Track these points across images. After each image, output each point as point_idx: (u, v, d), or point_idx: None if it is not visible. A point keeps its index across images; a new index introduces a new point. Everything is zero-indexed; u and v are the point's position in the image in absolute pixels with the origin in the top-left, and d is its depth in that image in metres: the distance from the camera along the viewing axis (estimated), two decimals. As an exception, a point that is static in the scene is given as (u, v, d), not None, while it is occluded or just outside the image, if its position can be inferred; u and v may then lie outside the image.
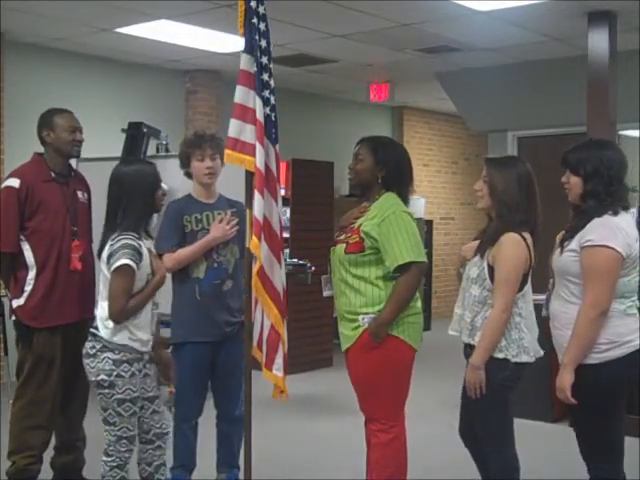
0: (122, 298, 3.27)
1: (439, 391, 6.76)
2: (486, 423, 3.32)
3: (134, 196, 3.37)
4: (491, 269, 3.22)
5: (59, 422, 4.09)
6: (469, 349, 3.30)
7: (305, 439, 5.39)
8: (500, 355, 3.21)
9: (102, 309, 3.35)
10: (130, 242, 3.29)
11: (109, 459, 3.36)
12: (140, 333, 3.35)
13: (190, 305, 3.95)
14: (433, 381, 7.01)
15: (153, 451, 3.50)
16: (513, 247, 3.19)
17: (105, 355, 3.31)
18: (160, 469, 3.53)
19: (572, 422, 3.31)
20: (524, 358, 3.23)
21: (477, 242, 3.41)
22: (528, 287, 3.29)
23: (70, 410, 4.12)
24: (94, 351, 3.34)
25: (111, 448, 3.36)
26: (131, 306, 3.29)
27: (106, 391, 3.32)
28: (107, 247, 3.33)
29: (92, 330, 3.37)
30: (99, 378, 3.32)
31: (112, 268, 3.27)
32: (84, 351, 3.39)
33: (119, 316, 3.29)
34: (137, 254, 3.29)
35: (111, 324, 3.31)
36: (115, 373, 3.30)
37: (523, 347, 3.23)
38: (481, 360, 3.19)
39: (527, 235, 3.24)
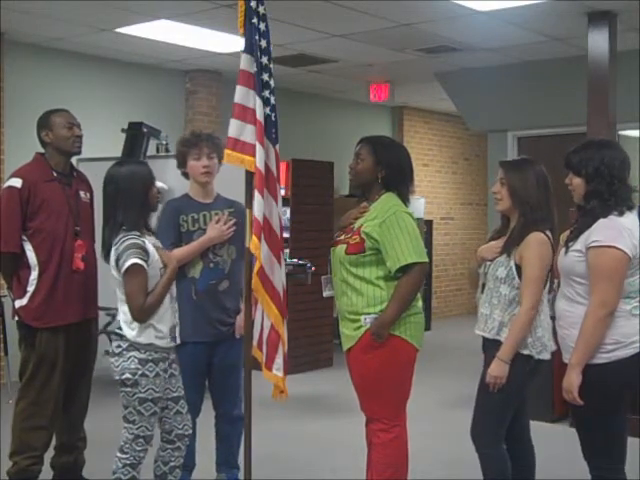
0: (140, 297, 3.27)
1: (439, 391, 6.77)
2: (488, 418, 3.37)
3: (131, 196, 3.37)
4: (518, 268, 3.29)
5: (60, 422, 4.08)
6: (492, 345, 3.33)
7: (305, 439, 5.39)
8: (525, 352, 3.29)
9: (123, 313, 3.36)
10: (134, 241, 3.29)
11: (123, 456, 3.37)
12: (164, 328, 3.36)
13: (186, 305, 3.93)
14: (433, 381, 7.01)
15: (172, 452, 3.51)
16: (540, 246, 3.27)
17: (131, 354, 3.32)
18: (174, 471, 3.54)
19: (574, 422, 3.32)
20: (545, 355, 3.33)
21: (494, 243, 3.46)
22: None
23: (72, 410, 4.12)
24: (120, 350, 3.34)
25: (127, 446, 3.37)
26: (150, 303, 3.30)
27: (129, 389, 3.32)
28: (112, 251, 3.33)
29: (117, 331, 3.38)
30: (124, 377, 3.32)
31: (122, 270, 3.27)
32: (109, 350, 3.40)
33: (141, 315, 3.30)
34: (143, 252, 3.29)
35: (135, 325, 3.32)
36: (140, 372, 3.31)
37: (544, 345, 3.33)
38: (508, 355, 3.26)
39: (549, 234, 3.32)
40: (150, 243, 3.38)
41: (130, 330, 3.33)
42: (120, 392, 3.36)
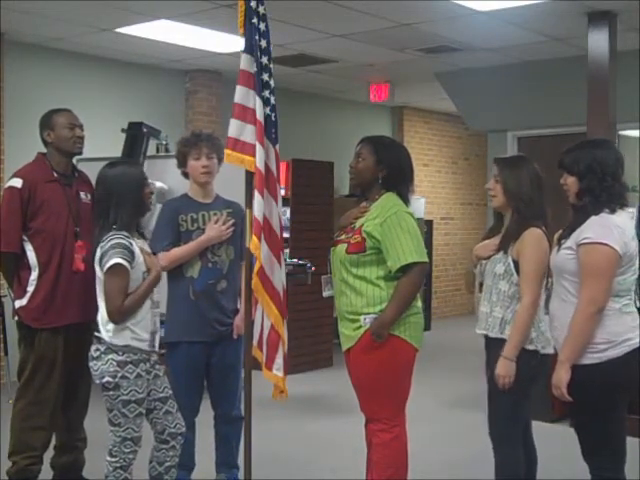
0: (118, 298, 3.26)
1: (439, 391, 6.77)
2: (503, 416, 3.37)
3: (123, 196, 3.36)
4: (516, 264, 3.30)
5: (60, 422, 4.08)
6: (496, 343, 3.33)
7: (305, 439, 5.39)
8: (531, 347, 3.30)
9: (100, 313, 3.35)
10: (121, 241, 3.28)
11: (113, 460, 3.36)
12: (142, 332, 3.34)
13: (184, 304, 3.94)
14: (433, 381, 7.01)
15: (166, 451, 3.50)
16: (537, 242, 3.29)
17: (109, 357, 3.30)
18: (170, 470, 3.53)
19: (573, 422, 3.32)
20: (550, 350, 3.35)
21: (489, 241, 3.47)
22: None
23: (71, 411, 4.12)
24: (98, 353, 3.33)
25: (115, 449, 3.36)
26: (128, 305, 3.28)
27: (111, 393, 3.31)
28: (98, 248, 3.33)
29: (96, 334, 3.37)
30: (104, 380, 3.31)
31: (105, 269, 3.26)
32: (89, 354, 3.39)
33: (117, 316, 3.28)
34: (129, 253, 3.28)
35: (111, 326, 3.30)
36: (120, 374, 3.29)
37: (548, 339, 3.34)
38: (513, 353, 3.26)
39: (544, 229, 3.33)
40: (137, 245, 3.37)
41: (105, 331, 3.32)
42: (102, 396, 3.35)
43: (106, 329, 3.32)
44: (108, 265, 3.25)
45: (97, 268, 3.35)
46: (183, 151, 4.05)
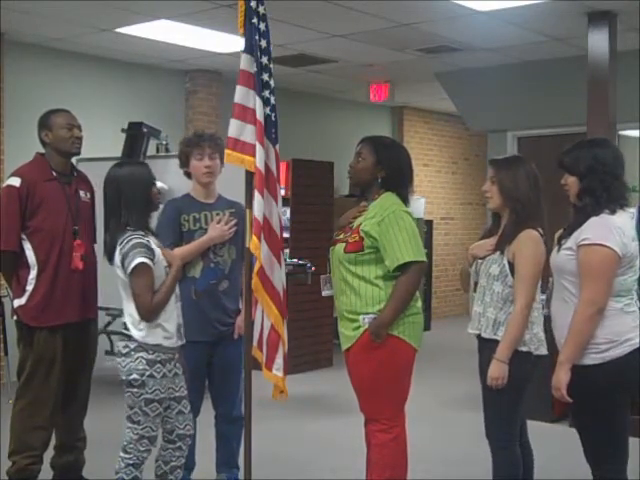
0: (147, 296, 3.29)
1: (439, 391, 6.77)
2: (499, 418, 3.36)
3: (133, 196, 3.39)
4: (511, 265, 3.29)
5: (59, 422, 4.08)
6: (488, 344, 3.33)
7: (305, 439, 5.39)
8: (524, 349, 3.29)
9: (129, 315, 3.37)
10: (140, 241, 3.31)
11: (127, 456, 3.38)
12: (171, 328, 3.38)
13: (186, 304, 3.93)
14: (433, 381, 7.01)
15: (173, 451, 3.51)
16: (533, 244, 3.28)
17: (139, 355, 3.32)
18: (175, 470, 3.54)
19: (575, 424, 3.32)
20: (542, 351, 3.34)
21: (485, 240, 3.46)
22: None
23: (71, 410, 4.12)
24: (127, 350, 3.35)
25: (130, 446, 3.37)
26: (157, 301, 3.32)
27: (135, 390, 3.33)
28: (117, 250, 3.34)
29: (124, 332, 3.38)
30: (131, 377, 3.33)
31: (129, 270, 3.28)
32: (116, 350, 3.41)
33: (149, 313, 3.31)
34: (149, 251, 3.31)
35: (143, 326, 3.33)
36: (148, 373, 3.32)
37: (541, 340, 3.34)
38: (506, 355, 3.25)
39: (541, 231, 3.32)
40: (153, 243, 3.39)
41: (137, 331, 3.34)
42: (126, 392, 3.37)
43: (138, 328, 3.34)
44: (132, 266, 3.27)
45: (119, 271, 3.36)
46: (186, 151, 4.06)
